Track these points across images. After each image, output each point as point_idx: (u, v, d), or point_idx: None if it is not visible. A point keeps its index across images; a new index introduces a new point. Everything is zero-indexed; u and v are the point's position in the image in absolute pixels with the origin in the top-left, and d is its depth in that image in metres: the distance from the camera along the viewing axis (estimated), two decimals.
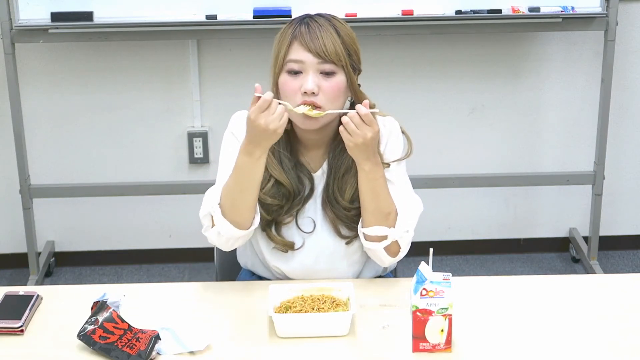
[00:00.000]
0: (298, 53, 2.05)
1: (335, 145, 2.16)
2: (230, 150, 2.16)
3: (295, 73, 2.06)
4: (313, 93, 2.04)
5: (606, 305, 2.09)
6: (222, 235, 2.10)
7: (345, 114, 2.04)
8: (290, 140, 2.17)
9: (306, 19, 2.10)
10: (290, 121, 2.09)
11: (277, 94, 2.10)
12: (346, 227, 2.18)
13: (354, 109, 2.03)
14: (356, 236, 2.18)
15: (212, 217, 2.10)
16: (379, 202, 2.10)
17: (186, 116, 3.78)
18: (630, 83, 3.81)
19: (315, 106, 2.05)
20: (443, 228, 3.99)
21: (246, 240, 2.15)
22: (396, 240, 2.13)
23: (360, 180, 2.09)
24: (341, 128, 2.02)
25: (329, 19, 2.11)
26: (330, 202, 2.17)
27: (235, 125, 2.19)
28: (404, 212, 2.13)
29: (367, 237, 2.13)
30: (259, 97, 1.98)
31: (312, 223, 2.19)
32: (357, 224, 2.17)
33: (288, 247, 2.18)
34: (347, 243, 2.19)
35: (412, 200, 2.18)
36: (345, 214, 2.16)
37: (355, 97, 2.14)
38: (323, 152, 2.19)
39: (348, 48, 2.09)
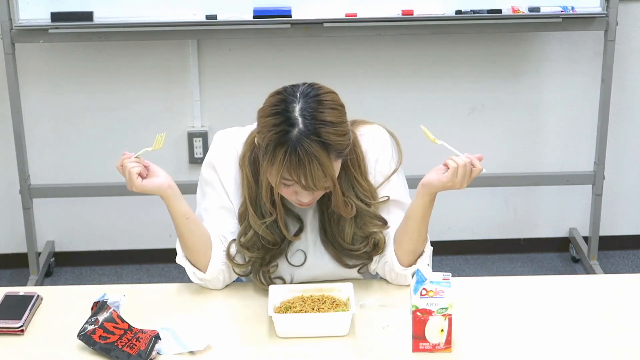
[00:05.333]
0: (290, 180, 1.96)
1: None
2: (203, 189, 2.20)
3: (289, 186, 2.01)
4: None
5: (606, 305, 2.08)
6: (200, 280, 2.15)
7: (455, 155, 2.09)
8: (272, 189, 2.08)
9: (295, 143, 1.92)
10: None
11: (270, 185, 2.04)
12: (351, 259, 2.16)
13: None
14: (365, 262, 2.16)
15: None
16: (425, 230, 2.11)
17: (186, 116, 3.78)
18: (630, 83, 3.81)
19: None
20: (443, 228, 3.99)
21: (232, 274, 2.17)
22: None
23: (424, 213, 2.08)
24: (451, 162, 2.04)
25: (318, 133, 1.92)
26: (332, 243, 2.14)
27: (214, 154, 2.18)
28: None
29: (401, 263, 2.13)
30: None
31: (303, 255, 2.16)
32: (364, 259, 2.15)
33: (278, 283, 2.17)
34: (359, 271, 2.18)
35: None
36: (350, 254, 2.14)
37: (336, 199, 2.05)
38: None
39: (339, 156, 1.98)
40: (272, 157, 1.94)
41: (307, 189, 1.96)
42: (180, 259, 2.17)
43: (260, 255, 2.12)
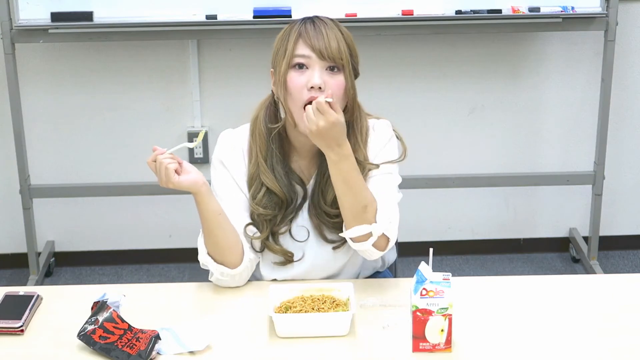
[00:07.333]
0: (303, 50, 2.05)
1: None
2: (216, 186, 2.20)
3: (301, 67, 2.05)
4: (320, 88, 2.03)
5: (606, 305, 2.09)
6: (226, 275, 2.14)
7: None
8: (283, 147, 2.16)
9: (312, 17, 2.11)
10: (283, 129, 2.12)
11: (284, 91, 2.07)
12: (331, 232, 2.17)
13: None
14: (343, 241, 2.17)
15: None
16: (354, 195, 2.06)
17: (186, 116, 3.78)
18: (630, 83, 3.81)
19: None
20: (443, 228, 3.99)
21: (253, 269, 2.18)
22: (382, 233, 2.10)
23: (330, 172, 2.06)
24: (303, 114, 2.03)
25: (333, 20, 2.12)
26: (315, 207, 2.16)
27: (221, 151, 2.20)
28: (383, 203, 2.10)
29: (353, 239, 2.11)
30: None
31: (306, 232, 2.18)
32: (339, 234, 2.15)
33: (288, 257, 2.17)
34: (333, 248, 2.18)
35: (389, 191, 2.15)
36: (328, 220, 2.15)
37: (350, 100, 2.11)
38: (315, 160, 2.18)
39: (350, 49, 2.10)
40: (287, 37, 2.08)
41: (321, 57, 2.03)
42: (203, 257, 2.15)
43: (274, 213, 2.14)
